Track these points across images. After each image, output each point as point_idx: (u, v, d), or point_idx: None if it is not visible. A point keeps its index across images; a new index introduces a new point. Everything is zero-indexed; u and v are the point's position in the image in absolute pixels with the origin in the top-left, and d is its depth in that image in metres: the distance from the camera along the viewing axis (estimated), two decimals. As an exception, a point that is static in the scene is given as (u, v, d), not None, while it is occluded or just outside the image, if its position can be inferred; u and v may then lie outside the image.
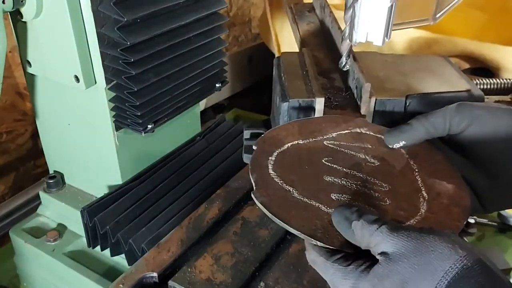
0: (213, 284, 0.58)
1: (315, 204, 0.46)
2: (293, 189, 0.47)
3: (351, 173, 0.50)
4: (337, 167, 0.50)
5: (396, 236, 0.38)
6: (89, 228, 0.76)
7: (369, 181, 0.49)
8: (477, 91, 0.61)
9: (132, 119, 0.76)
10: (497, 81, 0.85)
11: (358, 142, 0.54)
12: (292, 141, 0.53)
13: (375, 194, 0.47)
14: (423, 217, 0.45)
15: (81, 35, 0.69)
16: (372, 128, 0.56)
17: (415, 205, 0.46)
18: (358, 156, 0.52)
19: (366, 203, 0.46)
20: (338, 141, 0.54)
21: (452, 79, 0.65)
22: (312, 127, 0.56)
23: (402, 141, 0.52)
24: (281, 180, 0.48)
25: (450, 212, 0.46)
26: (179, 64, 0.79)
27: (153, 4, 0.71)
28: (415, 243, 0.37)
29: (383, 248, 0.38)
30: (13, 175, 1.09)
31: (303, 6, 0.91)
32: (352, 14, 0.53)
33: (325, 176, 0.49)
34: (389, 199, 0.47)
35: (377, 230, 0.39)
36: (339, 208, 0.43)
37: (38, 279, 0.90)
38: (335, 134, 0.55)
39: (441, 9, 0.77)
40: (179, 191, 0.83)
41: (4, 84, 0.88)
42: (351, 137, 0.55)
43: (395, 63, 0.69)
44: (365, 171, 0.50)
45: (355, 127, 0.56)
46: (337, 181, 0.48)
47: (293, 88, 0.61)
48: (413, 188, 0.49)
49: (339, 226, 0.42)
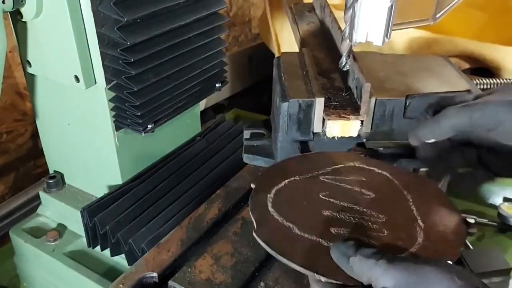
0: (213, 284, 0.58)
1: (316, 239, 0.47)
2: (293, 225, 0.48)
3: (348, 206, 0.51)
4: (334, 200, 0.52)
5: (394, 269, 0.39)
6: (89, 228, 0.76)
7: (366, 213, 0.50)
8: (477, 91, 0.61)
9: (132, 119, 0.76)
10: (497, 81, 0.85)
11: (352, 176, 0.56)
12: (289, 178, 0.55)
13: (373, 226, 0.48)
14: (420, 246, 0.46)
15: (81, 35, 0.69)
16: (365, 162, 0.58)
17: (412, 234, 0.47)
18: (353, 189, 0.54)
19: (364, 235, 0.47)
20: (333, 175, 0.56)
21: (452, 79, 0.65)
22: (308, 163, 0.58)
23: (432, 138, 0.52)
24: (281, 217, 0.49)
25: (447, 240, 0.47)
26: (179, 64, 0.79)
27: (153, 4, 0.71)
28: (413, 275, 0.38)
29: (383, 283, 0.39)
30: (13, 175, 1.09)
31: (303, 6, 0.91)
32: (352, 14, 0.53)
33: (323, 211, 0.50)
34: (386, 230, 0.48)
35: (376, 265, 0.39)
36: (336, 244, 0.44)
37: (38, 279, 0.90)
38: (330, 169, 0.57)
39: (441, 9, 0.77)
40: (179, 191, 0.83)
41: (4, 84, 0.88)
42: (346, 171, 0.57)
43: (395, 63, 0.69)
44: (361, 203, 0.51)
45: (349, 161, 0.58)
46: (335, 215, 0.50)
47: (293, 88, 0.61)
48: (409, 218, 0.50)
49: (339, 261, 0.43)
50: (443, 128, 0.51)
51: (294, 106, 0.59)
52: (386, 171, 0.57)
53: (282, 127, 0.61)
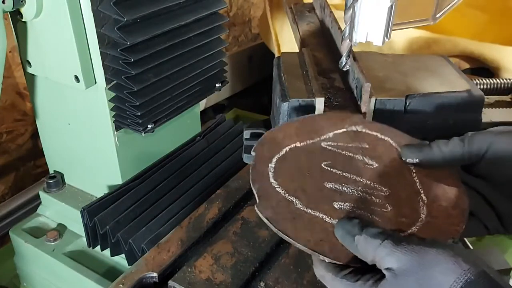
0: (213, 284, 0.58)
1: (319, 215, 0.46)
2: (296, 199, 0.47)
3: (351, 177, 0.50)
4: (336, 171, 0.50)
5: (399, 251, 0.38)
6: (89, 228, 0.76)
7: (369, 186, 0.49)
8: (477, 91, 0.61)
9: (132, 119, 0.76)
10: (497, 81, 0.85)
11: (355, 142, 0.54)
12: (290, 144, 0.53)
13: (376, 200, 0.47)
14: (424, 223, 0.45)
15: (81, 35, 0.69)
16: (368, 126, 0.57)
17: (415, 209, 0.47)
18: (356, 158, 0.52)
19: (368, 210, 0.46)
20: (335, 141, 0.54)
21: (452, 79, 0.65)
22: (309, 127, 0.56)
23: (416, 158, 0.52)
24: (283, 189, 0.48)
25: (450, 215, 0.46)
26: (179, 64, 0.79)
27: (153, 4, 0.71)
28: (418, 258, 0.38)
29: (388, 264, 0.39)
30: (13, 175, 1.09)
31: (303, 6, 0.91)
32: (352, 14, 0.53)
33: (326, 183, 0.49)
34: (390, 205, 0.47)
35: (381, 245, 0.39)
36: (341, 221, 0.43)
37: (38, 279, 0.90)
38: (331, 134, 0.55)
39: (441, 9, 0.77)
40: (179, 191, 0.83)
41: (4, 84, 0.88)
42: (348, 137, 0.55)
43: (395, 63, 0.69)
44: (364, 174, 0.50)
45: (351, 125, 0.56)
46: (338, 188, 0.48)
47: (293, 88, 0.61)
48: (412, 191, 0.49)
49: (343, 240, 0.42)
50: (433, 150, 0.51)
51: (294, 106, 0.59)
52: (388, 137, 0.55)
53: (282, 127, 0.61)
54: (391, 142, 0.55)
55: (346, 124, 0.56)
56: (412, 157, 0.52)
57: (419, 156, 0.51)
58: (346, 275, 0.41)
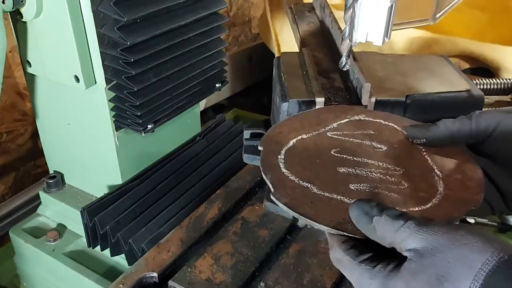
0: (213, 284, 0.58)
1: (337, 197, 0.45)
2: (311, 185, 0.46)
3: (362, 161, 0.49)
4: (347, 156, 0.50)
5: (425, 231, 0.37)
6: (89, 228, 0.76)
7: (382, 167, 0.49)
8: (477, 91, 0.61)
9: (132, 119, 0.76)
10: (497, 81, 0.85)
11: (360, 130, 0.54)
12: (296, 137, 0.53)
13: (391, 179, 0.47)
14: (443, 195, 0.45)
15: (81, 35, 0.69)
16: (371, 114, 0.57)
17: (432, 184, 0.46)
18: (364, 143, 0.52)
19: (385, 189, 0.45)
20: (341, 130, 0.54)
21: (452, 79, 0.65)
22: (313, 120, 0.56)
23: (424, 138, 0.52)
24: (297, 177, 0.47)
25: (467, 187, 0.46)
26: (179, 64, 0.79)
27: (153, 4, 0.71)
28: (447, 237, 0.36)
29: (411, 245, 0.37)
30: (13, 175, 1.09)
31: (303, 6, 0.91)
32: (352, 14, 0.53)
33: (339, 168, 0.48)
34: (406, 181, 0.47)
35: (403, 226, 0.38)
36: (358, 202, 0.42)
37: (38, 279, 0.90)
38: (336, 124, 0.55)
39: (441, 9, 0.77)
40: (179, 191, 0.83)
41: (4, 84, 0.88)
42: (353, 125, 0.55)
43: (395, 63, 0.69)
44: (375, 157, 0.50)
45: (353, 115, 0.56)
46: (352, 171, 0.48)
47: (293, 88, 0.61)
48: (426, 168, 0.49)
49: (358, 221, 0.41)
50: (440, 129, 0.51)
51: (294, 106, 0.59)
52: (392, 123, 0.55)
53: (282, 127, 0.61)
54: (396, 126, 0.55)
55: (348, 114, 0.56)
56: (419, 136, 0.52)
57: (426, 135, 0.51)
58: (364, 260, 0.40)
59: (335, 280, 0.58)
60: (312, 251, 0.62)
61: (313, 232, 0.65)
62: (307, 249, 0.62)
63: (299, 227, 0.67)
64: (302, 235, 0.65)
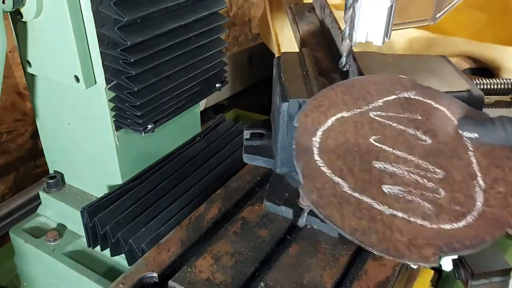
0: (213, 284, 0.58)
1: (367, 200, 0.43)
2: (342, 181, 0.44)
3: (401, 156, 0.46)
4: (386, 148, 0.47)
5: None
6: (89, 228, 0.76)
7: (421, 166, 0.46)
8: (477, 91, 0.61)
9: (132, 119, 0.76)
10: (497, 81, 0.85)
11: (407, 113, 0.50)
12: (336, 114, 0.49)
13: (429, 184, 0.44)
14: (480, 212, 0.42)
15: (81, 35, 0.69)
16: (421, 92, 0.52)
17: (471, 196, 0.43)
18: (407, 131, 0.48)
19: (419, 196, 0.43)
20: (385, 111, 0.50)
21: (452, 79, 0.65)
22: (356, 92, 0.51)
23: (476, 133, 0.48)
24: (329, 169, 0.44)
25: (508, 204, 0.42)
26: (179, 64, 0.79)
27: (153, 4, 0.71)
28: None
29: None
30: (13, 175, 1.10)
31: (303, 6, 0.91)
32: (352, 14, 0.53)
33: (375, 162, 0.46)
34: (443, 189, 0.44)
35: None
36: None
37: (38, 279, 0.90)
38: (381, 102, 0.51)
39: (441, 9, 0.77)
40: (179, 191, 0.83)
41: (4, 84, 0.88)
42: (399, 106, 0.51)
43: (395, 63, 0.69)
44: (416, 152, 0.47)
45: (402, 91, 0.52)
46: (388, 168, 0.45)
47: (293, 88, 0.61)
48: (468, 173, 0.45)
49: None
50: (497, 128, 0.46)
51: (294, 106, 0.59)
52: (444, 106, 0.51)
53: (282, 127, 0.61)
54: (447, 112, 0.51)
55: (396, 89, 0.52)
56: (470, 130, 0.47)
57: (480, 132, 0.47)
58: None
59: (335, 280, 0.58)
60: (312, 251, 0.62)
61: (313, 232, 0.65)
62: (307, 249, 0.62)
63: (299, 227, 0.67)
64: (302, 235, 0.65)
